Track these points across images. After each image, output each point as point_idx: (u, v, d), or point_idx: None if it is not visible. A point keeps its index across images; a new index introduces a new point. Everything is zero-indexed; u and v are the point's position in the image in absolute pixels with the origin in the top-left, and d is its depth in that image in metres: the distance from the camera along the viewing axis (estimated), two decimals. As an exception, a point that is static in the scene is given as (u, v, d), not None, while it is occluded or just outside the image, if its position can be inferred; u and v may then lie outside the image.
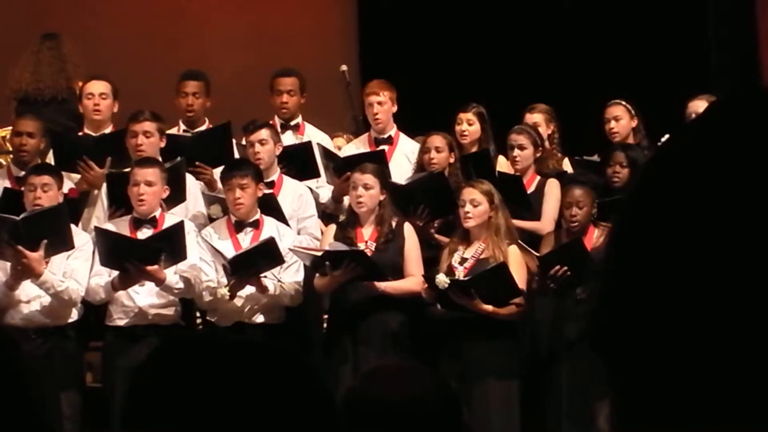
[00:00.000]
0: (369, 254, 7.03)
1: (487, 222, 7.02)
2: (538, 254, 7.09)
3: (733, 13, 10.51)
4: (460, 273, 6.96)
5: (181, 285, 7.07)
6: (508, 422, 6.90)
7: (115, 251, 6.92)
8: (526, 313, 7.10)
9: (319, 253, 7.02)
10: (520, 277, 6.92)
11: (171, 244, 6.93)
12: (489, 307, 6.89)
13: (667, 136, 8.24)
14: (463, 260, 7.05)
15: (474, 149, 8.17)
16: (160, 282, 7.00)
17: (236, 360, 1.39)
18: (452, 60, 10.74)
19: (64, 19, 10.11)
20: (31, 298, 7.03)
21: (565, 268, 6.94)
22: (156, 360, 1.40)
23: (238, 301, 7.12)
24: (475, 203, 7.03)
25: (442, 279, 6.86)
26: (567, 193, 7.41)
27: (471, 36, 10.85)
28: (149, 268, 6.90)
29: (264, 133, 7.69)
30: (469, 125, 8.19)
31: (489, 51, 10.72)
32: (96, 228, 7.10)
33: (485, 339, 6.88)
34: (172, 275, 7.03)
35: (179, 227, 6.98)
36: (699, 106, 8.34)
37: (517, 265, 6.97)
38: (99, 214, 7.57)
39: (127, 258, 6.88)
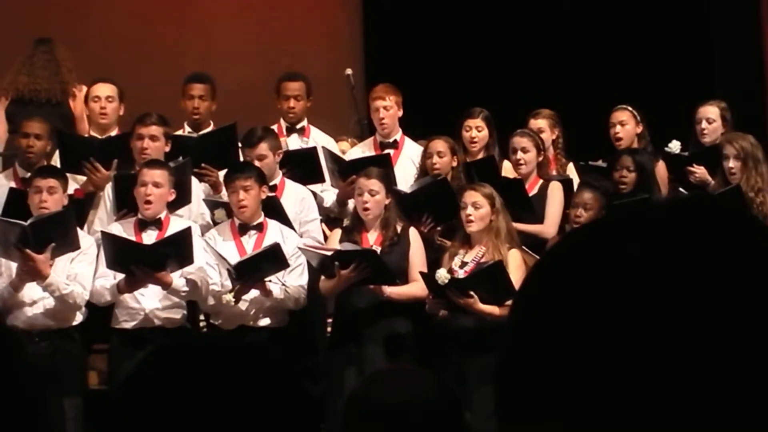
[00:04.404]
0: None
1: (488, 225, 7.02)
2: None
3: (737, 19, 10.50)
4: (461, 276, 6.95)
5: (187, 288, 7.08)
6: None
7: (121, 256, 6.92)
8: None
9: (330, 252, 7.01)
10: (519, 281, 6.90)
11: (178, 249, 6.93)
12: (487, 308, 6.86)
13: (673, 142, 8.15)
14: (463, 264, 7.04)
15: (481, 155, 8.15)
16: (166, 286, 7.01)
17: (206, 362, 1.42)
18: (457, 64, 10.75)
19: (71, 23, 10.14)
20: (35, 301, 7.03)
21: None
22: (134, 371, 1.45)
23: (242, 305, 7.12)
24: (477, 206, 7.02)
25: (442, 274, 6.83)
26: (576, 195, 7.41)
27: (476, 40, 10.85)
28: (156, 274, 6.92)
29: (262, 148, 7.62)
30: (479, 131, 8.17)
31: (494, 56, 10.72)
32: (102, 233, 7.07)
33: (485, 352, 6.83)
34: (178, 278, 7.03)
35: (187, 233, 6.96)
36: (709, 111, 8.33)
37: (516, 267, 6.94)
38: (102, 216, 7.55)
39: (134, 262, 6.88)
